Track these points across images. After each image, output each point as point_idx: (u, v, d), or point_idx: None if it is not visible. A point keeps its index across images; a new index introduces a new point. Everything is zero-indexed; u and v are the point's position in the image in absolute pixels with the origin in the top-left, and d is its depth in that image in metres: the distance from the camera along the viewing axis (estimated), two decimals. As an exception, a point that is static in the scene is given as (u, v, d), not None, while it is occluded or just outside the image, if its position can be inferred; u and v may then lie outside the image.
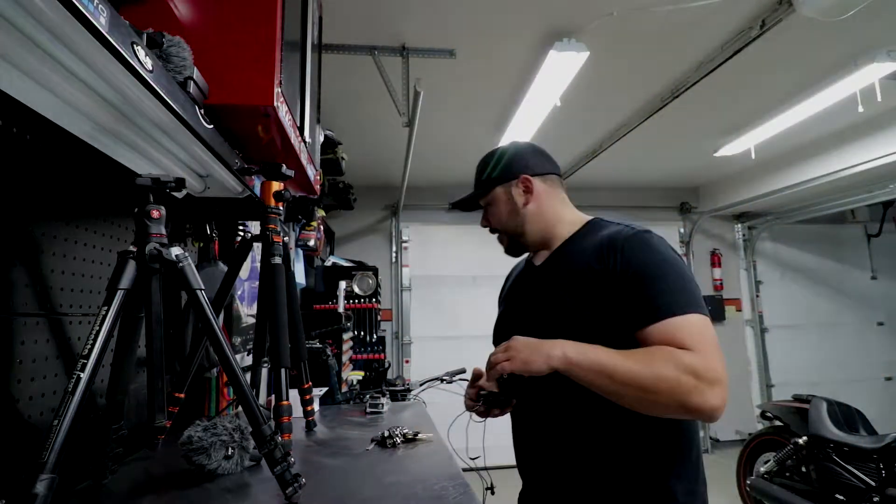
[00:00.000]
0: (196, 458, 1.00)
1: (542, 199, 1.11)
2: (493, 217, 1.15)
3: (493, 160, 1.19)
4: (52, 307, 0.99)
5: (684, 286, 0.90)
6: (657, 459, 0.91)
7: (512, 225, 1.13)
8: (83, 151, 0.91)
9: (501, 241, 1.18)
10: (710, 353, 0.82)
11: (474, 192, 1.20)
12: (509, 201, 1.12)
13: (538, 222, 1.11)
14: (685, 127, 3.73)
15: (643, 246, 0.96)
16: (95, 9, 0.59)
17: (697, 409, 0.79)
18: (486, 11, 2.27)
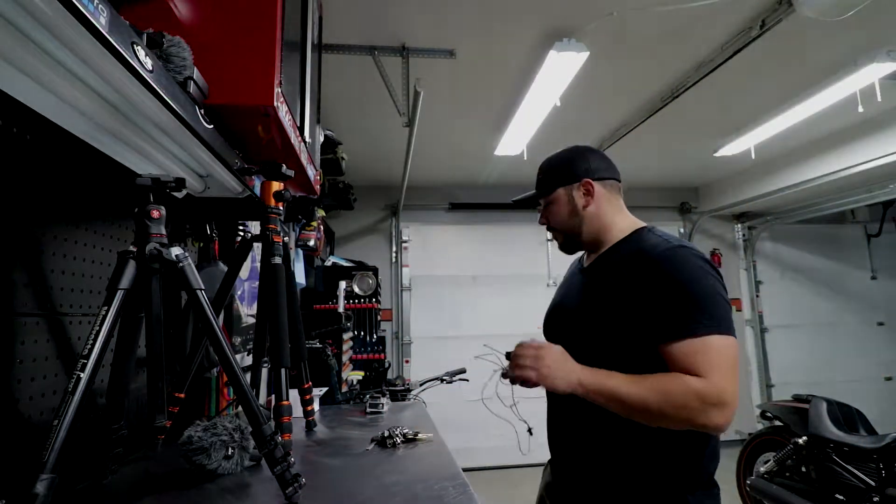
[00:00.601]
0: (196, 458, 1.00)
1: (602, 203, 1.17)
2: (553, 216, 1.21)
3: (557, 161, 1.24)
4: (52, 307, 0.99)
5: (709, 306, 0.94)
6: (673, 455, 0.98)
7: (570, 225, 1.18)
8: (83, 151, 0.91)
9: (556, 237, 1.24)
10: (721, 377, 0.90)
11: (537, 190, 1.25)
12: (570, 202, 1.17)
13: (594, 225, 1.17)
14: (685, 127, 3.73)
15: (675, 262, 0.99)
16: (95, 9, 0.59)
17: (703, 426, 0.90)
18: (486, 11, 2.27)
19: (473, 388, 3.22)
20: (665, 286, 0.96)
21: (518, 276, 5.21)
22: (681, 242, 1.04)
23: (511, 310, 5.05)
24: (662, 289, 0.96)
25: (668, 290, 0.96)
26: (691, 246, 1.04)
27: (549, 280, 5.27)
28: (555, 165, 1.23)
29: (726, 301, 0.98)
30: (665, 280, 0.97)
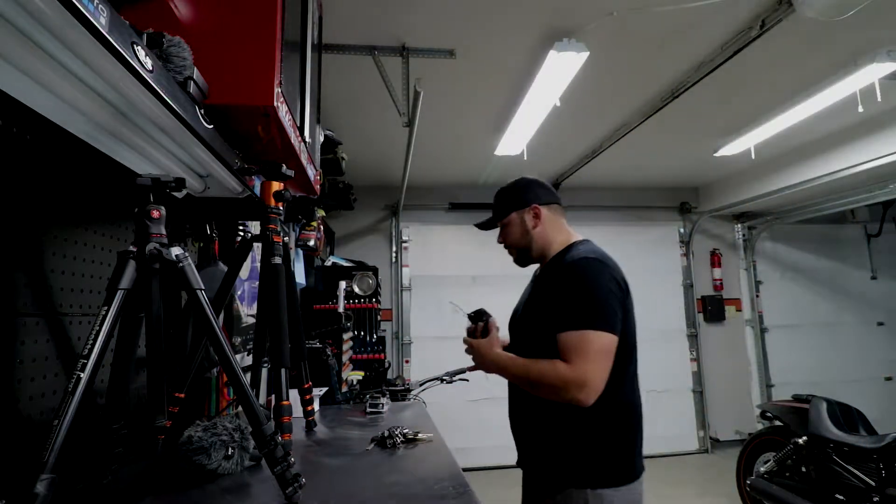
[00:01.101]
0: (196, 458, 1.00)
1: (546, 223, 1.44)
2: (508, 236, 1.48)
3: (509, 191, 1.50)
4: (52, 307, 0.99)
5: (591, 307, 1.18)
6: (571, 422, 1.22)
7: (522, 242, 1.45)
8: (83, 151, 0.91)
9: (511, 253, 1.51)
10: (583, 363, 1.14)
11: (494, 215, 1.52)
12: (522, 224, 1.44)
13: (540, 242, 1.43)
14: (685, 127, 3.73)
15: (577, 270, 1.25)
16: (95, 9, 0.59)
17: (568, 401, 1.14)
18: (486, 11, 2.27)
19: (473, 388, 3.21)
20: (565, 288, 1.23)
21: (518, 277, 5.17)
22: (589, 255, 1.28)
23: (510, 310, 5.04)
24: (563, 291, 1.23)
25: (566, 291, 1.22)
26: (599, 258, 1.28)
27: (549, 280, 5.27)
28: (508, 194, 1.49)
29: (611, 303, 1.21)
30: (566, 284, 1.23)
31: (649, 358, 5.38)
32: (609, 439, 1.21)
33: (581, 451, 1.20)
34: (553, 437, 1.24)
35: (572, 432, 1.21)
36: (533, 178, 1.51)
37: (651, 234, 5.48)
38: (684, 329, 5.40)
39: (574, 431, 1.21)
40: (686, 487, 4.21)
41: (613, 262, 1.30)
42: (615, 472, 1.20)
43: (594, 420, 1.19)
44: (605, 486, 1.18)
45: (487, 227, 1.57)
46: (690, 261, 5.48)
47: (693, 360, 5.36)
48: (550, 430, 1.24)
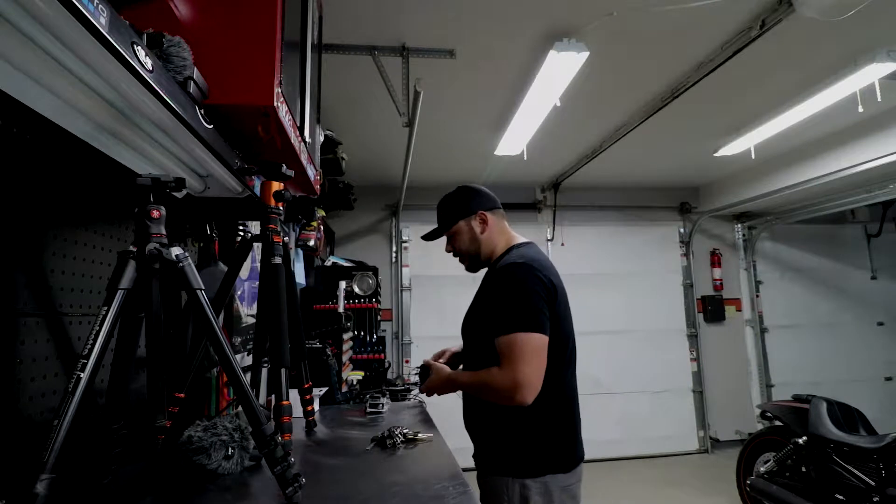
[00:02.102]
0: (196, 458, 1.00)
1: (492, 228, 1.50)
2: (458, 243, 1.51)
3: (454, 200, 1.57)
4: (52, 307, 0.99)
5: (518, 311, 1.26)
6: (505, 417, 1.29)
7: (472, 248, 1.49)
8: (83, 151, 0.91)
9: (463, 261, 1.54)
10: (514, 366, 1.22)
11: (441, 225, 1.54)
12: (470, 231, 1.49)
13: (488, 246, 1.48)
14: (685, 127, 3.73)
15: (507, 275, 1.32)
16: (95, 9, 0.59)
17: (508, 403, 1.23)
18: (486, 11, 2.27)
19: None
20: (495, 295, 1.32)
21: (518, 276, 5.20)
22: (517, 260, 1.34)
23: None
24: (494, 297, 1.32)
25: (496, 297, 1.31)
26: (526, 261, 1.33)
27: (549, 280, 5.27)
28: (452, 203, 1.55)
29: (536, 304, 1.27)
30: (497, 290, 1.32)
31: (649, 358, 5.43)
32: (548, 431, 1.30)
33: (522, 443, 1.28)
34: (496, 432, 1.32)
35: (513, 427, 1.29)
36: (475, 186, 1.59)
37: (651, 234, 5.48)
38: (684, 329, 5.40)
39: (515, 426, 1.29)
40: (686, 487, 4.21)
41: (542, 265, 1.36)
42: (556, 460, 1.29)
43: (533, 414, 1.28)
44: (545, 473, 1.27)
45: (434, 238, 1.58)
46: (690, 261, 5.48)
47: (693, 360, 5.36)
48: (493, 426, 1.32)
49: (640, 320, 5.30)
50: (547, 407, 1.29)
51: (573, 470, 1.32)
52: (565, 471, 1.29)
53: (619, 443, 5.02)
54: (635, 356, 5.23)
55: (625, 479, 4.49)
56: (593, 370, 5.15)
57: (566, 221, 5.32)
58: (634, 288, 5.34)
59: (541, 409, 1.27)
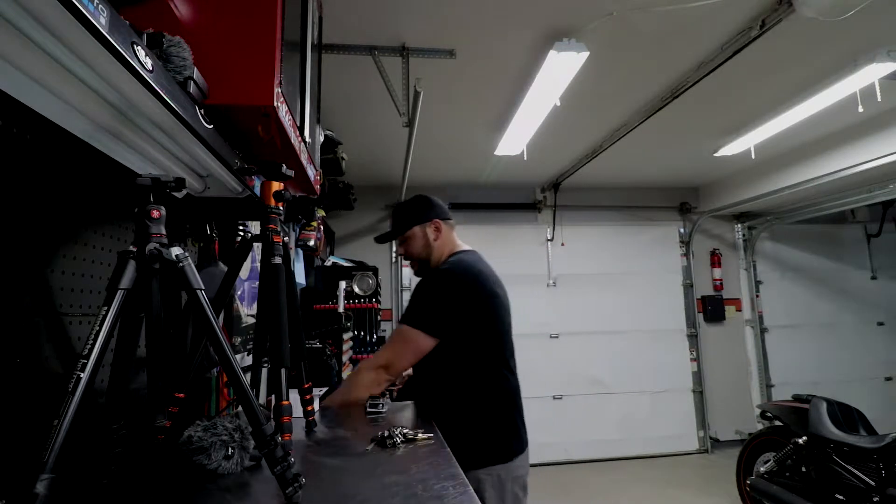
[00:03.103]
0: (196, 458, 1.00)
1: (444, 237, 1.64)
2: (412, 248, 1.64)
3: (411, 206, 1.67)
4: (52, 307, 0.99)
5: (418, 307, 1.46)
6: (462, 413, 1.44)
7: (424, 254, 1.63)
8: (83, 151, 0.91)
9: (413, 265, 1.68)
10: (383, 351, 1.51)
11: (397, 228, 1.66)
12: (424, 237, 1.62)
13: (437, 253, 1.62)
14: (685, 127, 3.73)
15: (430, 278, 1.52)
16: (95, 9, 0.59)
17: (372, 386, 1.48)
18: (486, 11, 2.27)
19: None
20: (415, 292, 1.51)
21: (518, 276, 5.20)
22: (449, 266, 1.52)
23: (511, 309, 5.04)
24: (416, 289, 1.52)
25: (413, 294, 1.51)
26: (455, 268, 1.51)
27: (549, 280, 5.27)
28: (411, 209, 1.65)
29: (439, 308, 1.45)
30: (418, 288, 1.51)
31: (649, 358, 5.44)
32: (491, 424, 1.42)
33: (470, 437, 1.38)
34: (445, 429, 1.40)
35: (460, 423, 1.40)
36: (431, 197, 1.70)
37: (651, 234, 5.48)
38: (684, 329, 5.40)
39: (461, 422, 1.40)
40: (686, 487, 4.21)
41: (474, 272, 1.51)
42: (501, 450, 1.41)
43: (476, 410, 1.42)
44: (495, 463, 1.38)
45: (389, 239, 1.70)
46: (690, 261, 5.48)
47: (693, 360, 5.36)
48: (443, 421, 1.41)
49: (640, 320, 5.30)
50: (487, 402, 1.44)
51: (518, 458, 1.44)
52: (509, 459, 1.41)
53: (619, 443, 5.03)
54: (635, 356, 5.23)
55: (625, 479, 4.49)
56: (593, 370, 5.15)
57: (566, 221, 5.32)
58: (634, 288, 5.34)
59: (482, 405, 1.43)
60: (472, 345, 1.49)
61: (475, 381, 1.45)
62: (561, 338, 5.17)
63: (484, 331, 1.48)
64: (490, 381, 1.47)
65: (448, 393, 1.48)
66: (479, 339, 1.47)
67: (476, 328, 1.48)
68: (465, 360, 1.48)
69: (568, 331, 5.17)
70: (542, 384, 5.00)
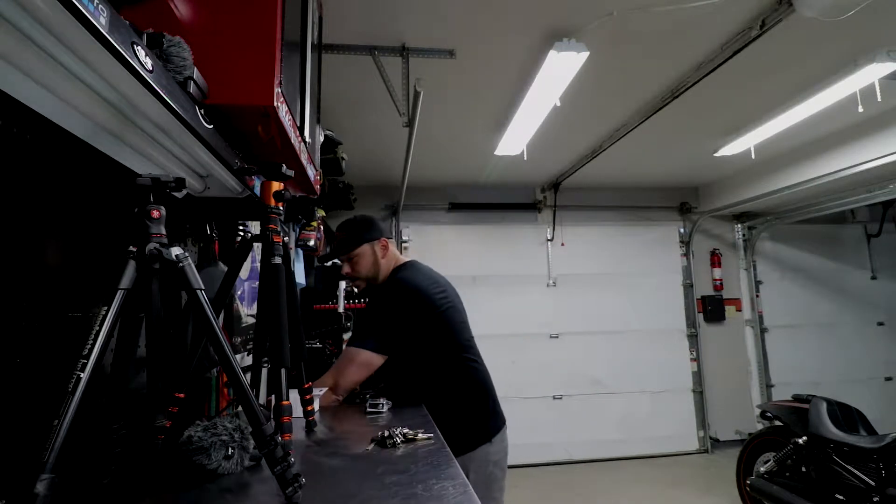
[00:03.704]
0: (196, 458, 1.00)
1: (389, 254, 1.74)
2: (359, 266, 1.70)
3: (360, 225, 1.74)
4: (52, 307, 0.99)
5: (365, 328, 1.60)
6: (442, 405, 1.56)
7: (373, 271, 1.70)
8: (83, 151, 0.91)
9: (359, 285, 1.74)
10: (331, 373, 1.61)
11: (348, 244, 1.70)
12: (373, 254, 1.70)
13: (384, 270, 1.71)
14: (685, 127, 3.73)
15: (381, 296, 1.66)
16: (95, 9, 0.59)
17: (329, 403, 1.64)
18: (486, 11, 2.27)
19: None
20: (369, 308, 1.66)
21: (518, 277, 5.21)
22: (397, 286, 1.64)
23: (511, 310, 5.05)
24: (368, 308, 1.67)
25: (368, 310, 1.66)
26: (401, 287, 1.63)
27: (549, 280, 5.27)
28: (359, 227, 1.71)
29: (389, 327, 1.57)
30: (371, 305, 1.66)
31: (649, 358, 5.44)
32: (467, 411, 1.55)
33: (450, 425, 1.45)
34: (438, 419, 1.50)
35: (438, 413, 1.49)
36: (373, 216, 1.82)
37: (651, 234, 5.48)
38: (684, 329, 5.41)
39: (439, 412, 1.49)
40: (686, 487, 4.21)
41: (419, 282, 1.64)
42: (480, 432, 1.53)
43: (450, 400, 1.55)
44: (476, 447, 1.49)
45: (336, 256, 1.82)
46: (690, 261, 5.48)
47: (693, 360, 5.36)
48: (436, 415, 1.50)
49: (640, 320, 5.30)
50: (460, 393, 1.58)
51: (497, 436, 1.56)
52: (488, 440, 1.54)
53: (619, 443, 5.02)
54: (635, 356, 5.23)
55: (625, 479, 4.49)
56: (593, 370, 5.15)
57: (566, 221, 5.32)
58: (634, 288, 5.34)
59: (456, 396, 1.56)
60: (432, 347, 1.62)
61: (445, 376, 1.58)
62: (561, 338, 5.17)
63: (439, 332, 1.62)
64: (459, 373, 1.61)
65: (423, 390, 1.60)
66: (437, 340, 1.61)
67: (432, 333, 1.61)
68: (432, 361, 1.62)
69: (568, 331, 5.17)
70: (543, 384, 4.99)
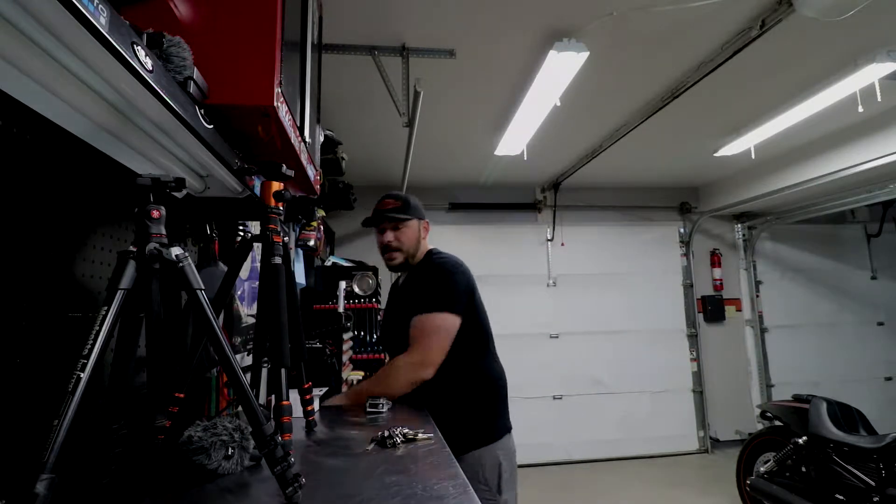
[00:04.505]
0: (196, 458, 1.00)
1: (426, 238, 1.75)
2: (405, 236, 1.66)
3: (413, 201, 1.74)
4: (52, 307, 0.99)
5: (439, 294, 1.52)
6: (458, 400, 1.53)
7: (413, 248, 1.68)
8: (83, 151, 0.91)
9: (396, 258, 1.67)
10: (423, 344, 1.48)
11: (403, 212, 1.67)
12: (418, 232, 1.69)
13: (421, 251, 1.70)
14: (685, 127, 3.73)
15: (436, 268, 1.59)
16: (95, 9, 0.59)
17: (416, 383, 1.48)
18: (486, 11, 2.27)
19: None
20: (427, 282, 1.56)
21: (518, 276, 5.21)
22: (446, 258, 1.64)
23: (511, 310, 5.05)
24: (425, 284, 1.55)
25: (427, 284, 1.55)
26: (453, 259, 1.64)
27: (549, 280, 5.27)
28: (413, 203, 1.70)
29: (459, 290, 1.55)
30: (428, 279, 1.57)
31: (649, 358, 5.44)
32: (486, 406, 1.54)
33: (481, 416, 1.51)
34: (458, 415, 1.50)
35: (460, 404, 1.50)
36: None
37: (651, 234, 5.48)
38: (684, 329, 5.41)
39: (462, 403, 1.50)
40: (686, 487, 4.21)
41: (465, 265, 1.65)
42: (495, 430, 1.52)
43: (475, 392, 1.53)
44: (502, 435, 1.49)
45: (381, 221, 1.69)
46: (690, 261, 5.48)
47: (693, 360, 5.36)
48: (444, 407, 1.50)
49: (640, 320, 5.30)
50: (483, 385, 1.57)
51: (507, 436, 1.56)
52: (500, 438, 1.53)
53: (619, 443, 5.02)
54: (635, 356, 5.23)
55: (625, 479, 4.49)
56: (593, 370, 5.15)
57: (566, 221, 5.32)
58: (634, 288, 5.34)
59: (479, 388, 1.56)
60: (468, 332, 1.59)
61: (472, 366, 1.56)
62: (561, 338, 5.17)
63: (476, 319, 1.62)
64: (484, 366, 1.61)
65: (449, 379, 1.53)
66: (473, 326, 1.60)
67: (472, 316, 1.61)
68: (463, 348, 1.56)
69: (568, 331, 5.17)
70: (543, 384, 4.99)
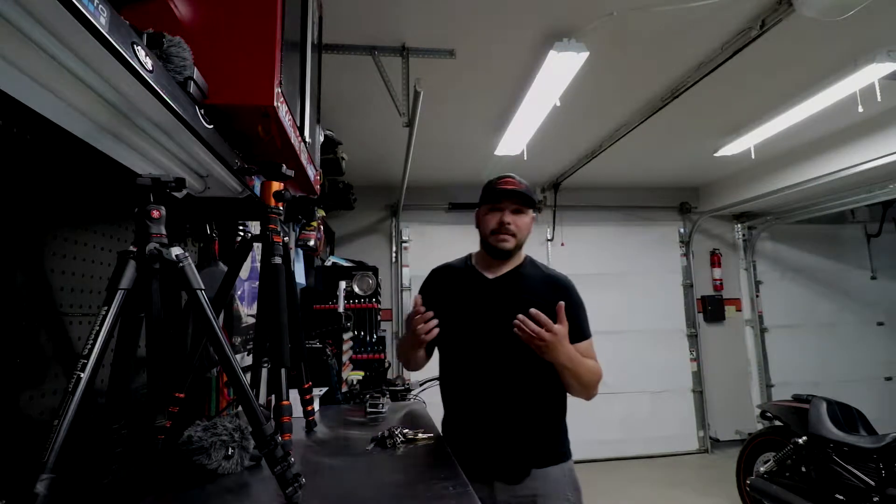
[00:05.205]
0: (196, 458, 1.00)
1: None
2: (523, 224, 1.58)
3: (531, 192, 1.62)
4: (52, 307, 0.99)
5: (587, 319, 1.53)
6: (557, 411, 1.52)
7: (523, 236, 1.58)
8: (83, 151, 0.91)
9: (509, 242, 1.55)
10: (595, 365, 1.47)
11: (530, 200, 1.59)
12: (531, 222, 1.62)
13: (524, 243, 1.61)
14: (685, 127, 3.73)
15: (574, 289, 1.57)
16: (95, 9, 0.59)
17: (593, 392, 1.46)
18: (486, 11, 2.27)
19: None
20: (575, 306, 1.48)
21: (518, 276, 5.20)
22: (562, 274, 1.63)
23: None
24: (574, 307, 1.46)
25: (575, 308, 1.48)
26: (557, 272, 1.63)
27: (549, 280, 5.26)
28: (531, 193, 1.61)
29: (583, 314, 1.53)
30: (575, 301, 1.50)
31: (649, 358, 5.43)
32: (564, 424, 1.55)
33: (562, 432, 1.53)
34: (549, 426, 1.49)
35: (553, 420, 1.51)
36: None
37: (651, 234, 5.48)
38: (684, 329, 5.40)
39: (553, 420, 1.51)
40: (686, 487, 4.21)
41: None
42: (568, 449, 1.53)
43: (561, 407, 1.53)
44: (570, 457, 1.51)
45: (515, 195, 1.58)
46: (690, 261, 5.48)
47: (693, 360, 5.36)
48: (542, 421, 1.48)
49: (640, 320, 5.30)
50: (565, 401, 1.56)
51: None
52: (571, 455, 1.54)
53: (619, 443, 5.02)
54: (635, 356, 5.22)
55: (625, 479, 4.49)
56: (593, 370, 5.15)
57: (566, 221, 5.32)
58: (634, 288, 5.33)
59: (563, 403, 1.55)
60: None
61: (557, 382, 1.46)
62: (561, 338, 5.17)
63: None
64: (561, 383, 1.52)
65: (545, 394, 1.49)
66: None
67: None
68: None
69: (568, 331, 5.16)
70: (542, 384, 4.99)
